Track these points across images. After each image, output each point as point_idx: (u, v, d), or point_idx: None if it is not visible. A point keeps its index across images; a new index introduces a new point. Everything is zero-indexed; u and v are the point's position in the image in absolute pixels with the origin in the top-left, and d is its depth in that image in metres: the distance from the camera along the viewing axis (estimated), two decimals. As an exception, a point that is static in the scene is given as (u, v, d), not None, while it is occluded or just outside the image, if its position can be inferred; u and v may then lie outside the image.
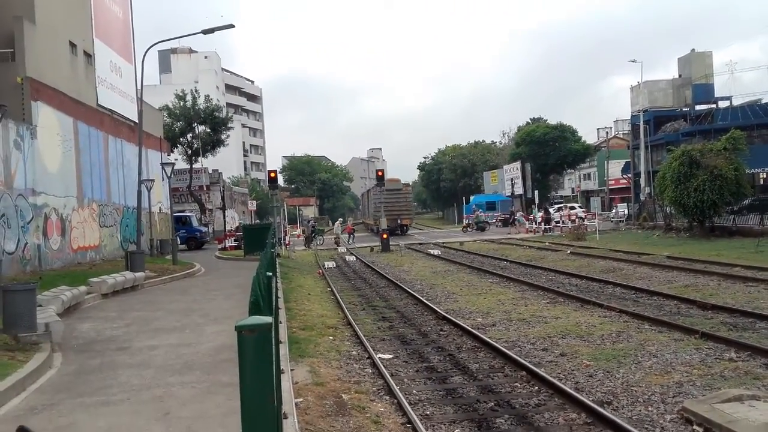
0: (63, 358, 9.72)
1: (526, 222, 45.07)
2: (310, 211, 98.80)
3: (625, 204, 55.98)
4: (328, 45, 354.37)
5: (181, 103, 50.38)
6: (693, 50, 55.88)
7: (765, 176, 47.94)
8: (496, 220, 56.08)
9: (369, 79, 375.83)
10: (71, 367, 9.17)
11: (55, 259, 22.85)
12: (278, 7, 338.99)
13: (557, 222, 43.65)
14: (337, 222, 50.26)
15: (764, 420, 6.31)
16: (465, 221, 57.00)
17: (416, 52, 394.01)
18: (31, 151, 21.58)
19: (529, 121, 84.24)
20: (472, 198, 71.76)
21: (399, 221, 47.45)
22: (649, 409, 7.34)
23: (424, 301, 15.86)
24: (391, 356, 10.51)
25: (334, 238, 42.83)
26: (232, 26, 26.13)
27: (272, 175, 35.85)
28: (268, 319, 3.07)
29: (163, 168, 29.44)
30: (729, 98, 53.99)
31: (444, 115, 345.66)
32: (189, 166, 52.31)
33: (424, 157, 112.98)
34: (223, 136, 52.70)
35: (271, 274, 6.95)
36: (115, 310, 14.74)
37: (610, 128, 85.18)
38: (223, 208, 54.68)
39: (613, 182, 68.33)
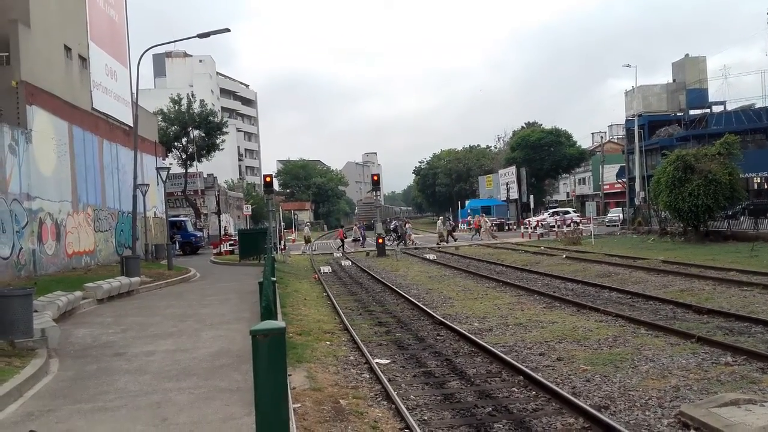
0: (60, 363, 9.69)
1: (413, 234, 49.05)
2: (306, 216, 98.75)
3: (619, 209, 56.16)
4: (325, 47, 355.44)
5: (176, 107, 50.34)
6: (687, 55, 56.21)
7: (759, 181, 48.16)
8: (491, 224, 56.17)
9: (366, 82, 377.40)
10: (68, 372, 9.14)
11: (50, 264, 22.75)
12: (275, 9, 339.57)
13: (552, 227, 43.74)
14: (440, 220, 51.82)
15: (761, 424, 6.34)
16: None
17: (414, 56, 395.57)
18: (26, 156, 21.50)
19: (524, 125, 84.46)
20: (467, 202, 71.87)
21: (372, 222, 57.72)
22: (647, 413, 7.35)
23: (421, 305, 15.83)
24: (388, 361, 10.50)
25: (438, 236, 44.14)
26: (227, 30, 26.11)
27: (268, 179, 35.97)
28: (282, 323, 3.09)
29: (158, 172, 29.42)
30: (723, 103, 54.40)
31: (441, 119, 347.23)
32: (184, 171, 52.20)
33: (420, 162, 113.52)
34: (218, 141, 52.70)
35: (275, 279, 6.97)
36: (110, 316, 14.70)
37: (605, 133, 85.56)
38: (219, 213, 54.58)
39: (607, 187, 68.55)
